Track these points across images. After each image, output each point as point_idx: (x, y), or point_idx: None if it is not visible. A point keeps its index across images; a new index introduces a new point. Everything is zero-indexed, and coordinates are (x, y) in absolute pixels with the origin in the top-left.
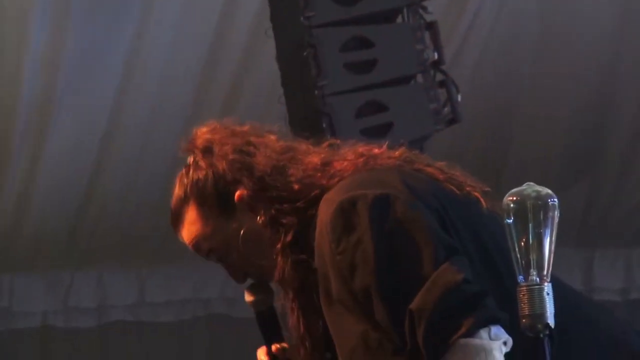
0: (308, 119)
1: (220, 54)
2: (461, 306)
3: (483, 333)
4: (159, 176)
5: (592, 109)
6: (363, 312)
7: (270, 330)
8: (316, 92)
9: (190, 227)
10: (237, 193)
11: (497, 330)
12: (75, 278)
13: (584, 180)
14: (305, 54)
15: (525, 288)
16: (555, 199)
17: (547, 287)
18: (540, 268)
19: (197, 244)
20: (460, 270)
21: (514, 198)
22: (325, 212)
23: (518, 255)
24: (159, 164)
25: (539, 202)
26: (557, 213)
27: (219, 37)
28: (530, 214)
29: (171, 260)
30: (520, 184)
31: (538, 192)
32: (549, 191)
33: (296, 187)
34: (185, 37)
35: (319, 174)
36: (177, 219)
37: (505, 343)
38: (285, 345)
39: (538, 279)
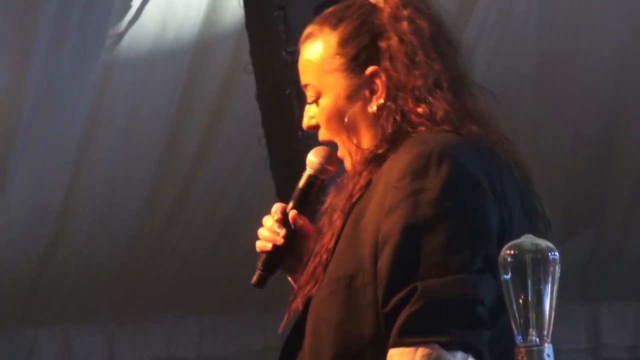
0: (291, 161)
1: (195, 91)
2: (460, 319)
3: (459, 355)
4: (125, 227)
5: (593, 155)
6: (370, 253)
7: (305, 198)
8: (300, 133)
9: (320, 49)
10: (375, 68)
11: None
12: (39, 335)
13: (588, 229)
14: (287, 92)
15: (524, 349)
16: (556, 253)
17: (548, 349)
18: (540, 328)
19: (310, 66)
20: (482, 291)
21: (512, 252)
22: (413, 148)
23: (516, 314)
24: (126, 211)
25: (539, 256)
26: (558, 268)
27: (194, 73)
28: (529, 269)
29: (143, 314)
30: None
31: (537, 245)
32: (549, 244)
33: (419, 110)
34: (159, 69)
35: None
36: (316, 31)
37: None
38: (303, 219)
39: (538, 339)
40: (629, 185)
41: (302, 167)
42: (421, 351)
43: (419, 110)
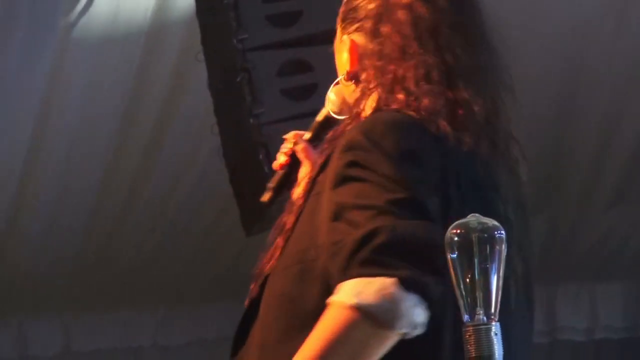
0: (243, 150)
1: (146, 80)
2: (425, 261)
3: (414, 298)
4: (79, 217)
5: (548, 140)
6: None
7: (319, 133)
8: (252, 121)
9: None
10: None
11: (422, 317)
12: None
13: (542, 213)
14: (238, 79)
15: (471, 328)
16: (503, 232)
17: (495, 327)
18: (487, 306)
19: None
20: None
21: (458, 231)
22: (362, 123)
23: (463, 293)
24: (79, 201)
25: (485, 235)
26: (504, 247)
27: (145, 63)
28: (476, 248)
29: (98, 304)
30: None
31: (484, 224)
32: (496, 223)
33: (399, 97)
34: (110, 58)
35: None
36: None
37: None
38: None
39: (485, 318)
40: (583, 170)
41: (255, 155)
42: (379, 281)
43: (399, 97)
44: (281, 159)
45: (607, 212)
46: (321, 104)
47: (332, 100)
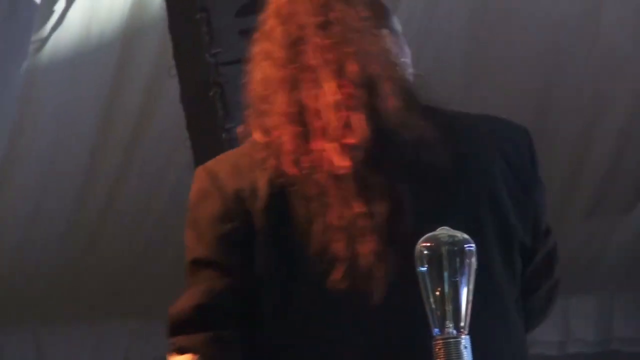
0: None
1: (120, 96)
2: (175, 327)
3: (182, 358)
4: (53, 232)
5: None
6: None
7: None
8: (224, 135)
9: None
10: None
11: None
12: None
13: None
14: (211, 93)
15: (441, 341)
16: (472, 245)
17: (465, 340)
18: (457, 319)
19: None
20: (198, 296)
21: (428, 244)
22: None
23: (433, 306)
24: (54, 216)
25: (455, 248)
26: (474, 260)
27: (118, 78)
28: (446, 261)
29: (72, 319)
30: None
31: (453, 237)
32: (466, 236)
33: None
34: (83, 74)
35: None
36: None
37: None
38: None
39: (455, 331)
40: (561, 167)
41: None
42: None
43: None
44: None
45: (581, 226)
46: None
47: None
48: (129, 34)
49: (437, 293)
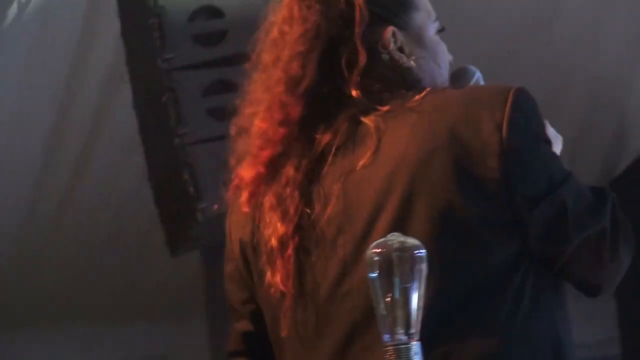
0: (169, 170)
1: (73, 102)
2: None
3: None
4: (5, 237)
5: None
6: None
7: None
8: (176, 140)
9: None
10: None
11: None
12: None
13: None
14: (164, 99)
15: (391, 348)
16: (423, 251)
17: (416, 346)
18: (407, 326)
19: None
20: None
21: (378, 250)
22: None
23: (383, 312)
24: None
25: (405, 255)
26: (424, 266)
27: (71, 84)
28: (396, 267)
29: (24, 324)
30: None
31: (404, 242)
32: (416, 241)
33: None
34: (36, 80)
35: None
36: None
37: None
38: None
39: (406, 337)
40: None
41: (180, 175)
42: None
43: None
44: None
45: None
46: None
47: None
48: (83, 40)
49: (388, 299)
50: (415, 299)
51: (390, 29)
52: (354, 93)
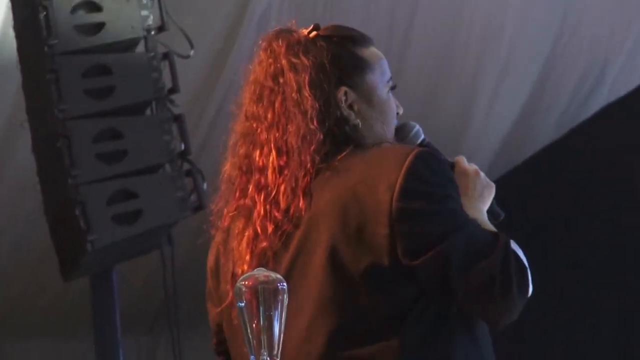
0: (63, 206)
1: None
2: None
3: None
4: None
5: None
6: None
7: None
8: (69, 180)
9: None
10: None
11: None
12: None
13: None
14: (58, 144)
15: None
16: (284, 283)
17: None
18: (270, 347)
19: None
20: None
21: (246, 282)
22: None
23: (250, 336)
24: None
25: (270, 287)
26: (286, 297)
27: None
28: (261, 298)
29: None
30: None
31: (269, 276)
32: (279, 275)
33: None
34: None
35: None
36: None
37: None
38: None
39: (268, 358)
40: None
41: (72, 211)
42: None
43: None
44: None
45: None
46: (131, 166)
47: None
48: None
49: (254, 325)
50: (277, 325)
51: (343, 89)
52: None
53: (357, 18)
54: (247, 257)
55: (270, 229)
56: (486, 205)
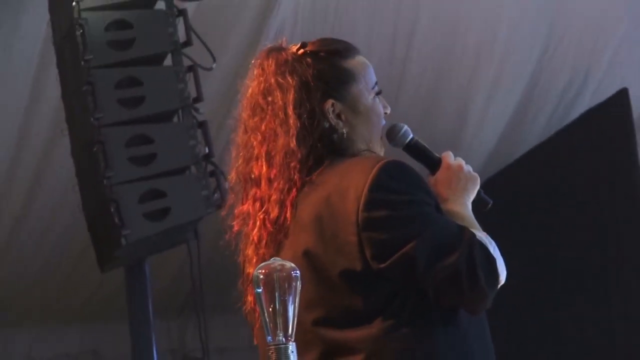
0: (99, 204)
1: (23, 150)
2: None
3: None
4: None
5: None
6: None
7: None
8: (105, 181)
9: None
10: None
11: None
12: None
13: None
14: (94, 149)
15: (273, 347)
16: (298, 271)
17: (292, 346)
18: (285, 330)
19: None
20: None
21: (263, 271)
22: None
23: (267, 320)
24: None
25: (284, 274)
26: (299, 283)
27: (22, 135)
28: (277, 284)
29: None
30: None
31: (283, 265)
32: (292, 264)
33: None
34: None
35: None
36: None
37: None
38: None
39: (284, 339)
40: None
41: (107, 209)
42: None
43: None
44: None
45: None
46: (160, 168)
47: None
48: (31, 104)
49: (270, 309)
50: (291, 309)
51: (330, 102)
52: None
53: (363, 29)
54: (254, 261)
55: (265, 238)
56: (470, 197)
